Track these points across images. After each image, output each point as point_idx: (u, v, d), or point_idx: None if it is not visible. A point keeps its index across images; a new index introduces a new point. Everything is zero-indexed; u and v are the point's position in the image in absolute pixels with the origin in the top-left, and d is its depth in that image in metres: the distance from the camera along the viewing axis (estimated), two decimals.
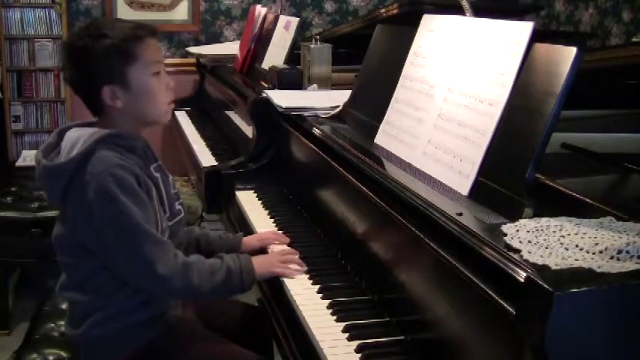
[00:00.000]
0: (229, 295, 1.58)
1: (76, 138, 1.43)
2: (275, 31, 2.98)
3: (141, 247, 1.39)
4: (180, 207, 1.58)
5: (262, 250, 1.76)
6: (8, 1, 3.79)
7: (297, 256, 1.66)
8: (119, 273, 1.44)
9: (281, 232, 1.87)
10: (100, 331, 1.47)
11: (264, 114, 2.37)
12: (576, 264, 0.96)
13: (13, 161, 3.73)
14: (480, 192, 1.34)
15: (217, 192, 2.34)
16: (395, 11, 2.74)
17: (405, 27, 1.89)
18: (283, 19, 2.96)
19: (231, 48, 3.66)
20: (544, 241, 1.05)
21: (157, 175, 1.52)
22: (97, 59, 1.43)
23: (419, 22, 1.78)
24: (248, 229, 1.99)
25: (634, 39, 5.03)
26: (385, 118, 1.78)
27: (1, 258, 2.84)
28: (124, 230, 1.38)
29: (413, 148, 1.60)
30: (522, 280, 0.96)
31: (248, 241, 1.79)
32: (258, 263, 1.57)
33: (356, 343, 1.32)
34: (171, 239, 1.51)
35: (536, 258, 0.99)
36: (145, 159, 1.50)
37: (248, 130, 2.55)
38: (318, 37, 2.67)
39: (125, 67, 1.44)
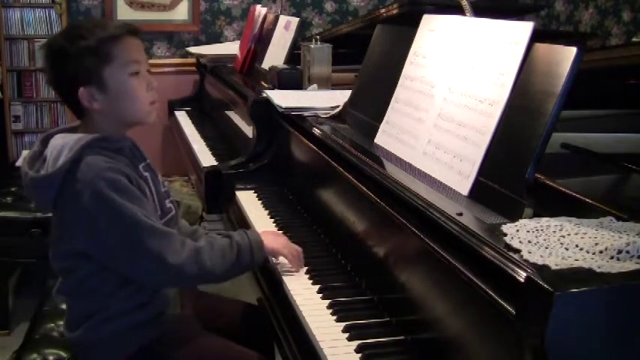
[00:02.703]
0: (242, 272, 1.57)
1: (61, 146, 1.42)
2: (275, 31, 2.98)
3: (147, 243, 1.38)
4: (170, 205, 1.58)
5: None
6: (8, 1, 3.79)
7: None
8: (128, 274, 1.44)
9: (281, 232, 1.87)
10: (99, 333, 1.47)
11: (264, 114, 2.37)
12: (576, 264, 0.96)
13: (13, 161, 3.73)
14: (480, 192, 1.34)
15: (217, 192, 2.34)
16: (395, 11, 2.74)
17: (405, 27, 1.89)
18: (283, 19, 2.96)
19: (231, 48, 3.65)
20: (544, 241, 1.05)
21: (147, 174, 1.51)
22: (72, 61, 1.42)
23: (419, 22, 1.78)
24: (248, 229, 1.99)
25: (634, 39, 5.03)
26: (385, 118, 1.78)
27: (1, 258, 2.84)
28: (128, 230, 1.37)
29: (413, 148, 1.60)
30: (522, 280, 0.96)
31: None
32: (268, 238, 1.59)
33: (356, 343, 1.32)
34: None
35: (536, 258, 0.99)
36: (133, 159, 1.49)
37: (248, 130, 2.55)
38: (318, 37, 2.67)
39: (101, 68, 1.42)
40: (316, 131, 1.99)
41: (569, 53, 1.26)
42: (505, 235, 1.10)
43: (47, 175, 1.40)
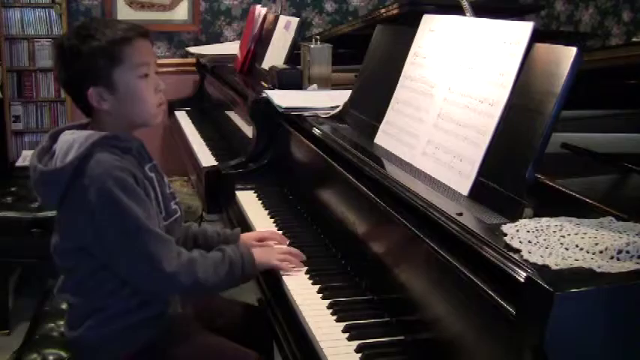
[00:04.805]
0: (232, 286, 1.57)
1: (71, 141, 1.42)
2: (275, 31, 2.98)
3: (146, 246, 1.39)
4: (176, 206, 1.58)
5: None
6: (8, 1, 3.79)
7: (297, 257, 1.66)
8: (124, 275, 1.44)
9: (281, 232, 1.87)
10: (99, 332, 1.47)
11: (264, 114, 2.37)
12: (576, 264, 0.96)
13: (13, 161, 3.73)
14: (480, 192, 1.34)
15: (217, 192, 2.34)
16: (395, 11, 2.74)
17: (405, 27, 1.89)
18: (283, 19, 2.96)
19: (231, 48, 3.65)
20: (544, 241, 1.05)
21: (152, 175, 1.51)
22: (83, 61, 1.42)
23: (419, 22, 1.78)
24: (248, 229, 1.98)
25: (634, 39, 5.03)
26: (385, 118, 1.78)
27: (1, 258, 2.84)
28: (129, 231, 1.38)
29: (413, 148, 1.60)
30: (522, 280, 0.96)
31: (246, 238, 1.78)
32: (258, 254, 1.58)
33: (356, 343, 1.32)
34: None
35: (536, 258, 0.99)
36: (140, 159, 1.49)
37: (248, 130, 2.55)
38: (318, 37, 2.67)
39: (111, 69, 1.43)
40: (316, 131, 1.99)
41: (569, 53, 1.26)
42: (505, 235, 1.10)
43: (57, 169, 1.40)
